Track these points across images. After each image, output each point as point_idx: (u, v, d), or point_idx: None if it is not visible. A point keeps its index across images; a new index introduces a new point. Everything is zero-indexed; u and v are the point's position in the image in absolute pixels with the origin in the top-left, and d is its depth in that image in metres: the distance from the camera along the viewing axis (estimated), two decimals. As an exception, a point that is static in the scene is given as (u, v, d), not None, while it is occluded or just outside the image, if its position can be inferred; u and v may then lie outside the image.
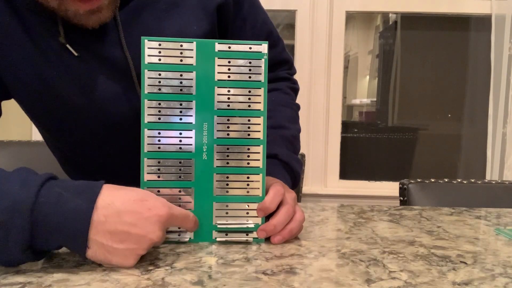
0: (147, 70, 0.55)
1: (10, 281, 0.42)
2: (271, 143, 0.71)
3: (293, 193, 0.60)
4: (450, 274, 0.46)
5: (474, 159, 2.09)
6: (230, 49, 0.56)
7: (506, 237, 0.61)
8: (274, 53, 0.81)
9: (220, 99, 0.56)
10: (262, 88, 0.57)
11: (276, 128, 0.76)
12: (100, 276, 0.43)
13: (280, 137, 0.76)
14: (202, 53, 0.56)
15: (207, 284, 0.42)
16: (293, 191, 0.61)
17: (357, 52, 2.34)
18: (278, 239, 0.55)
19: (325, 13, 1.89)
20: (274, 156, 0.71)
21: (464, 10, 1.90)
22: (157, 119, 0.55)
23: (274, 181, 0.60)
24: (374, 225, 0.66)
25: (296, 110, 0.85)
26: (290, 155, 0.74)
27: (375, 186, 1.99)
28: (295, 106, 0.85)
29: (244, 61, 0.57)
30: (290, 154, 0.74)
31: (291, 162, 0.73)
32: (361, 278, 0.44)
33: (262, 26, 0.80)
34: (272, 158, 0.71)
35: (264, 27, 0.80)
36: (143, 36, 0.55)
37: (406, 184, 1.01)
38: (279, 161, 0.72)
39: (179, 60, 0.55)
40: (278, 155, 0.72)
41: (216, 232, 0.56)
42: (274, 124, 0.76)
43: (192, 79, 0.55)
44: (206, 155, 0.56)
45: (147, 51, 0.55)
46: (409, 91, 2.25)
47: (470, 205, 0.83)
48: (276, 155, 0.72)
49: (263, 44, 0.57)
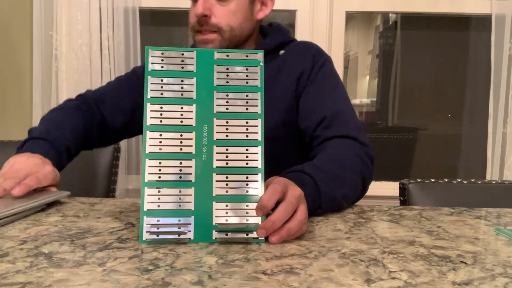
0: (150, 77, 0.58)
1: (10, 281, 0.42)
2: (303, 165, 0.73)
3: (298, 191, 0.59)
4: (450, 274, 0.46)
5: (474, 159, 2.09)
6: (228, 57, 0.60)
7: (506, 237, 0.61)
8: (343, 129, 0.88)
9: (219, 102, 0.58)
10: (259, 93, 0.60)
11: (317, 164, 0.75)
12: (100, 276, 0.43)
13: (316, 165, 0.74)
14: (202, 61, 0.59)
15: (207, 284, 0.42)
16: (299, 189, 0.59)
17: (357, 52, 2.34)
18: (276, 239, 0.55)
19: (325, 13, 1.89)
20: (300, 170, 0.71)
21: (464, 10, 1.90)
22: (159, 121, 0.57)
23: (275, 179, 0.60)
24: (374, 225, 0.66)
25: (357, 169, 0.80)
26: (318, 173, 0.71)
27: (375, 186, 1.98)
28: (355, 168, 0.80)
29: (241, 68, 0.60)
30: (319, 173, 0.71)
31: (317, 178, 0.70)
32: (361, 278, 0.44)
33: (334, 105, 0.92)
34: (298, 172, 0.71)
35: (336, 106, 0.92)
36: (147, 46, 0.60)
37: (406, 184, 1.01)
38: (303, 173, 0.70)
39: (181, 67, 0.58)
40: (304, 168, 0.71)
41: (216, 232, 0.56)
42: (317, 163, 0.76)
43: (192, 84, 0.58)
44: (206, 155, 0.57)
45: (150, 59, 0.58)
46: (409, 91, 2.25)
47: (470, 205, 0.83)
48: (302, 168, 0.71)
49: (258, 53, 0.61)
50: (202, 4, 0.91)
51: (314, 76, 0.97)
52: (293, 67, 0.98)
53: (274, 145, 0.93)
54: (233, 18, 0.93)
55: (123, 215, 0.69)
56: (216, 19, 0.92)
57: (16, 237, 0.56)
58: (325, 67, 0.99)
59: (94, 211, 0.71)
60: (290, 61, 0.99)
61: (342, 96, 0.96)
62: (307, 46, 1.02)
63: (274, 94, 0.95)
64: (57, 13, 1.78)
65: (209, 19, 0.92)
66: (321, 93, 0.95)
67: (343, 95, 0.97)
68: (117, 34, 1.79)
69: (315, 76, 0.97)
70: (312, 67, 0.97)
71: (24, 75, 1.87)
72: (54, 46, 1.80)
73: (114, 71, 1.79)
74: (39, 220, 0.65)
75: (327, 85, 0.97)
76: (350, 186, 0.77)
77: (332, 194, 0.71)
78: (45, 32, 1.81)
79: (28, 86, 1.85)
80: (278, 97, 0.96)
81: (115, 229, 0.60)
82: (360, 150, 0.85)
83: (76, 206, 0.75)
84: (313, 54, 1.00)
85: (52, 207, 0.73)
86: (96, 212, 0.70)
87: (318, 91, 0.95)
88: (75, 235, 0.57)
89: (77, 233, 0.58)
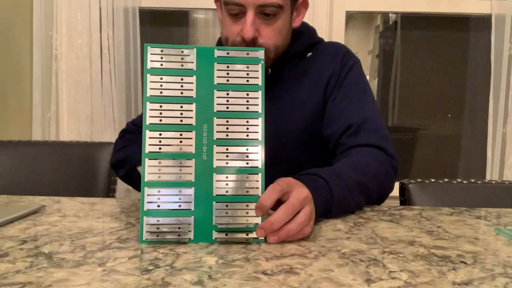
0: (149, 75, 0.57)
1: (10, 281, 0.42)
2: (320, 169, 0.71)
3: (304, 193, 0.57)
4: (450, 274, 0.46)
5: (474, 159, 2.09)
6: (228, 55, 0.59)
7: (506, 237, 0.61)
8: (369, 137, 0.85)
9: (220, 101, 0.57)
10: (260, 91, 0.59)
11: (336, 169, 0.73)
12: (100, 276, 0.43)
13: (334, 170, 0.72)
14: (202, 59, 0.58)
15: (207, 284, 0.42)
16: (306, 190, 0.58)
17: (357, 52, 2.34)
18: (274, 239, 0.55)
19: (325, 13, 1.89)
20: (315, 173, 0.69)
21: (464, 10, 1.90)
22: (158, 120, 0.56)
23: (278, 180, 0.60)
24: (374, 225, 0.66)
25: (379, 179, 0.78)
26: (333, 178, 0.69)
27: (375, 186, 1.99)
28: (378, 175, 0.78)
29: (242, 66, 0.59)
30: (334, 178, 0.69)
31: (331, 182, 0.68)
32: (361, 278, 0.44)
33: (362, 110, 0.89)
34: (313, 175, 0.69)
35: (363, 112, 0.89)
36: (146, 43, 0.58)
37: (406, 184, 1.01)
38: (318, 176, 0.68)
39: (180, 65, 0.57)
40: (320, 172, 0.69)
41: (216, 232, 0.56)
42: (336, 168, 0.74)
43: (192, 82, 0.57)
44: (206, 155, 0.56)
45: (149, 57, 0.57)
46: (409, 91, 2.25)
47: (470, 205, 0.83)
48: (318, 172, 0.69)
49: (259, 50, 0.60)
50: (251, 26, 0.83)
51: (342, 80, 0.93)
52: (321, 70, 0.94)
53: (299, 150, 0.92)
54: (279, 37, 0.89)
55: (123, 215, 0.69)
56: (263, 40, 0.86)
57: (16, 237, 0.56)
58: (353, 71, 0.94)
59: (94, 211, 0.71)
60: (318, 64, 0.95)
61: (370, 103, 0.92)
62: (336, 48, 0.98)
63: (300, 97, 0.92)
64: (57, 13, 1.78)
65: (256, 39, 0.85)
66: (349, 98, 0.91)
67: (371, 101, 0.93)
68: (117, 34, 1.79)
69: (343, 80, 0.93)
70: (340, 71, 0.93)
71: (24, 75, 1.87)
72: (54, 46, 1.80)
73: (114, 71, 1.79)
74: (39, 220, 0.65)
75: (355, 90, 0.92)
76: (366, 196, 0.75)
77: (346, 202, 0.70)
78: (45, 32, 1.81)
79: (28, 86, 1.85)
80: (304, 101, 0.92)
81: (115, 229, 0.60)
82: (385, 160, 0.82)
83: (76, 206, 0.75)
84: (342, 57, 0.96)
85: (51, 208, 0.73)
86: (96, 212, 0.70)
87: (345, 96, 0.91)
88: (75, 235, 0.57)
89: (77, 233, 0.58)
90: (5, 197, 0.81)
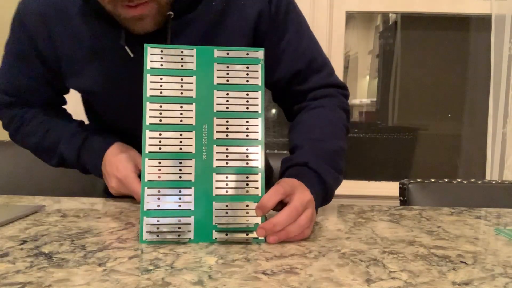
0: (149, 75, 0.57)
1: (10, 281, 0.42)
2: (304, 151, 0.70)
3: (307, 197, 0.58)
4: (450, 274, 0.46)
5: (474, 159, 2.09)
6: (228, 55, 0.59)
7: (506, 237, 0.61)
8: (318, 78, 0.83)
9: (219, 101, 0.58)
10: (259, 91, 0.59)
11: (314, 140, 0.73)
12: (100, 276, 0.43)
13: (315, 147, 0.72)
14: (202, 59, 0.58)
15: (207, 284, 0.42)
16: (309, 194, 0.59)
17: (357, 52, 2.34)
18: (273, 239, 0.55)
19: (325, 13, 1.89)
20: (304, 164, 0.68)
21: (464, 10, 1.90)
22: (158, 121, 0.56)
23: (282, 180, 0.60)
24: (374, 225, 0.66)
25: (341, 127, 0.79)
26: (322, 165, 0.69)
27: (375, 186, 1.99)
28: (341, 124, 0.79)
29: (242, 66, 0.59)
30: (322, 164, 0.69)
31: (322, 173, 0.67)
32: (361, 278, 0.44)
33: (305, 51, 0.82)
34: (302, 166, 0.68)
35: (307, 52, 0.83)
36: (146, 43, 0.58)
37: (406, 184, 1.01)
38: (309, 169, 0.67)
39: (180, 65, 0.58)
40: (308, 163, 0.68)
41: (216, 232, 0.56)
42: (312, 136, 0.74)
43: (192, 83, 0.58)
44: (206, 155, 0.56)
45: (149, 57, 0.57)
46: (409, 91, 2.25)
47: (470, 205, 0.83)
48: (307, 163, 0.68)
49: (259, 50, 0.60)
50: None
51: (273, 17, 0.79)
52: (245, 9, 0.78)
53: None
54: None
55: (123, 215, 0.69)
56: None
57: (16, 237, 0.56)
58: (284, 4, 0.80)
59: (94, 211, 0.71)
60: (239, 1, 0.77)
61: (309, 38, 0.84)
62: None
63: (219, 43, 0.76)
64: (57, 13, 1.78)
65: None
66: (287, 39, 0.81)
67: (309, 35, 0.85)
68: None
69: (274, 18, 0.79)
70: (269, 8, 0.78)
71: (24, 75, 1.86)
72: (54, 46, 1.79)
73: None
74: (39, 220, 0.65)
75: (292, 27, 0.81)
76: (343, 154, 0.76)
77: (336, 183, 0.71)
78: (45, 32, 1.80)
79: (28, 86, 1.85)
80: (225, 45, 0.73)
81: (115, 229, 0.60)
82: (341, 102, 0.82)
83: (76, 206, 0.75)
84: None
85: (51, 208, 0.73)
86: (96, 212, 0.70)
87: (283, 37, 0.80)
88: (75, 235, 0.57)
89: (77, 233, 0.58)
90: (5, 197, 0.81)
